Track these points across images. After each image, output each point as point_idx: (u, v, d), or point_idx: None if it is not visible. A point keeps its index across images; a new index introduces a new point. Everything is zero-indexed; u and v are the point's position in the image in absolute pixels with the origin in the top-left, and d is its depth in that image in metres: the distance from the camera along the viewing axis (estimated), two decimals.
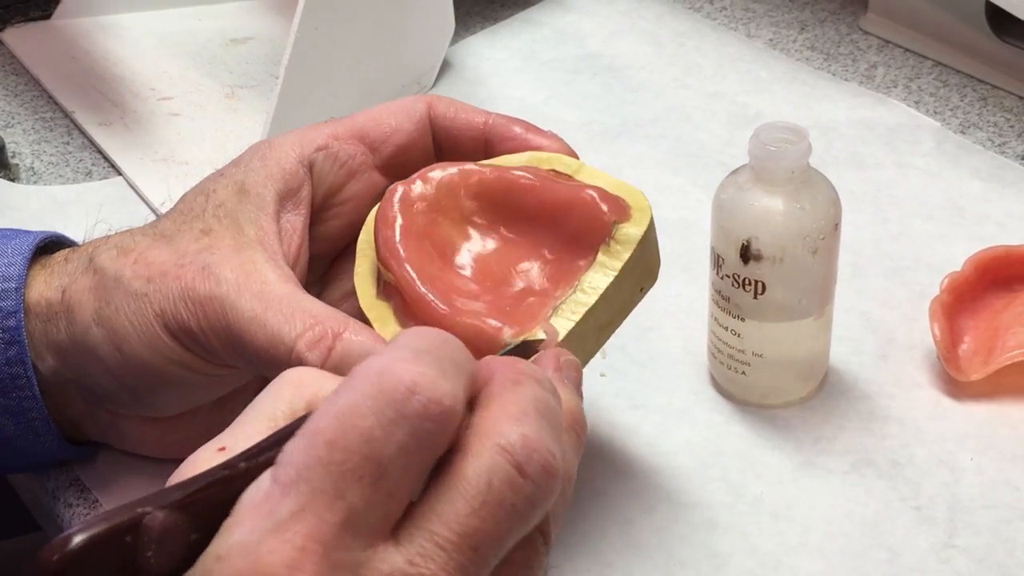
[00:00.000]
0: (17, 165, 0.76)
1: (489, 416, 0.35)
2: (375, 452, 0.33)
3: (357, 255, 0.50)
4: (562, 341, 0.46)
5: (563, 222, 0.48)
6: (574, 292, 0.47)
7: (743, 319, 0.54)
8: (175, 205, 0.51)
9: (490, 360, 0.38)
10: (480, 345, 0.44)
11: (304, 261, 0.50)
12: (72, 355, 0.49)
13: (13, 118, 0.81)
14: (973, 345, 0.58)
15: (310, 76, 0.70)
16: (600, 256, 0.48)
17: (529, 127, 0.52)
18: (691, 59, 0.81)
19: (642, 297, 0.50)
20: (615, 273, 0.47)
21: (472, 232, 0.49)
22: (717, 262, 0.54)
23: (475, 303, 0.47)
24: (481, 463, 0.34)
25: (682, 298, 0.63)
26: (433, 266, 0.47)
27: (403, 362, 0.34)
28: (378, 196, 0.51)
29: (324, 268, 0.53)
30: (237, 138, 0.76)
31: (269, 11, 0.89)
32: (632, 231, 0.48)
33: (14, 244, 0.52)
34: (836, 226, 0.53)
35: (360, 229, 0.51)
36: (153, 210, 0.71)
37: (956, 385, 0.57)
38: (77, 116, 0.79)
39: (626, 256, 0.48)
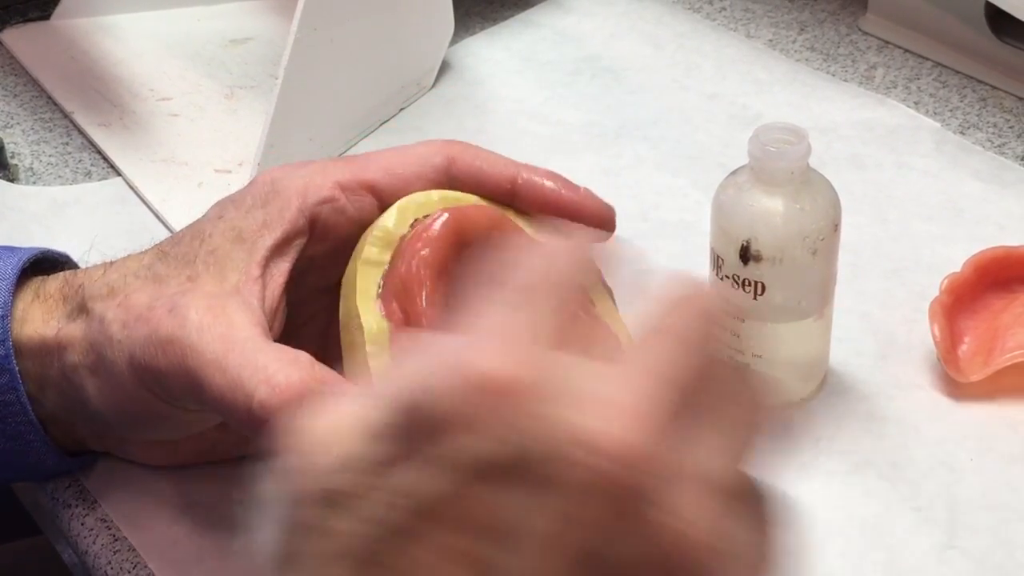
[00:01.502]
0: (16, 166, 0.76)
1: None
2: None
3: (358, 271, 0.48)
4: None
5: None
6: None
7: (743, 320, 0.54)
8: (175, 240, 0.49)
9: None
10: None
11: (282, 307, 0.48)
12: (67, 392, 0.49)
13: (12, 118, 0.80)
14: (973, 346, 0.58)
15: (309, 77, 0.70)
16: None
17: (564, 183, 0.49)
18: (690, 60, 0.81)
19: None
20: None
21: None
22: (717, 263, 0.54)
23: None
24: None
25: None
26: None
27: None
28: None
29: (330, 317, 0.51)
30: (236, 139, 0.76)
31: (268, 12, 0.89)
32: None
33: None
34: (836, 227, 0.53)
35: None
36: (153, 211, 0.71)
37: (956, 386, 0.57)
38: (76, 117, 0.79)
39: None
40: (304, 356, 0.44)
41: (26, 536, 0.79)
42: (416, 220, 0.47)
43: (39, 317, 0.50)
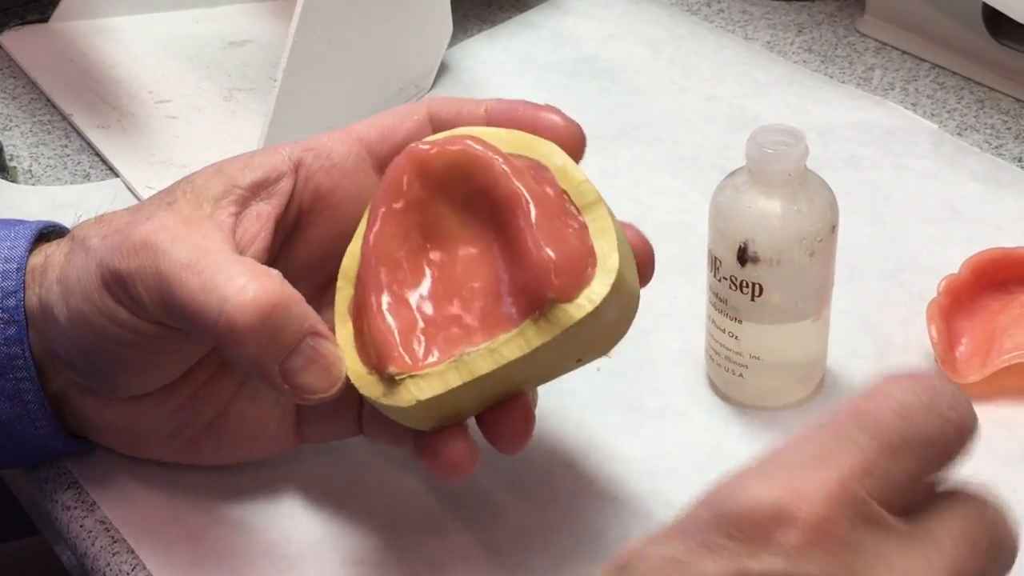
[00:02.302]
0: (15, 168, 0.76)
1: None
2: (904, 428, 0.34)
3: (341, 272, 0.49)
4: (421, 403, 0.45)
5: (515, 261, 0.45)
6: (483, 349, 0.45)
7: (740, 321, 0.54)
8: None
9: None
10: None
11: (260, 250, 0.48)
12: (39, 318, 0.50)
13: (11, 121, 0.81)
14: (970, 347, 0.58)
15: (308, 79, 0.70)
16: (526, 323, 0.44)
17: (528, 105, 0.50)
18: (688, 62, 0.81)
19: (582, 365, 0.48)
20: (528, 350, 0.44)
21: (448, 228, 0.47)
22: (714, 264, 0.54)
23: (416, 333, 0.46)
24: (998, 517, 0.35)
25: (679, 300, 0.63)
26: (400, 283, 0.47)
27: (944, 384, 0.36)
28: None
29: (321, 282, 0.51)
30: (235, 140, 0.76)
31: (267, 14, 0.89)
32: (571, 312, 0.44)
33: (17, 229, 0.52)
34: (833, 228, 0.53)
35: (348, 236, 0.49)
36: None
37: None
38: (75, 119, 0.79)
39: (548, 338, 0.44)
40: (275, 272, 0.45)
41: (24, 536, 0.79)
42: None
43: (36, 255, 0.52)
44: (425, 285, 0.47)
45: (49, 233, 0.54)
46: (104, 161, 0.76)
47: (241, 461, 0.54)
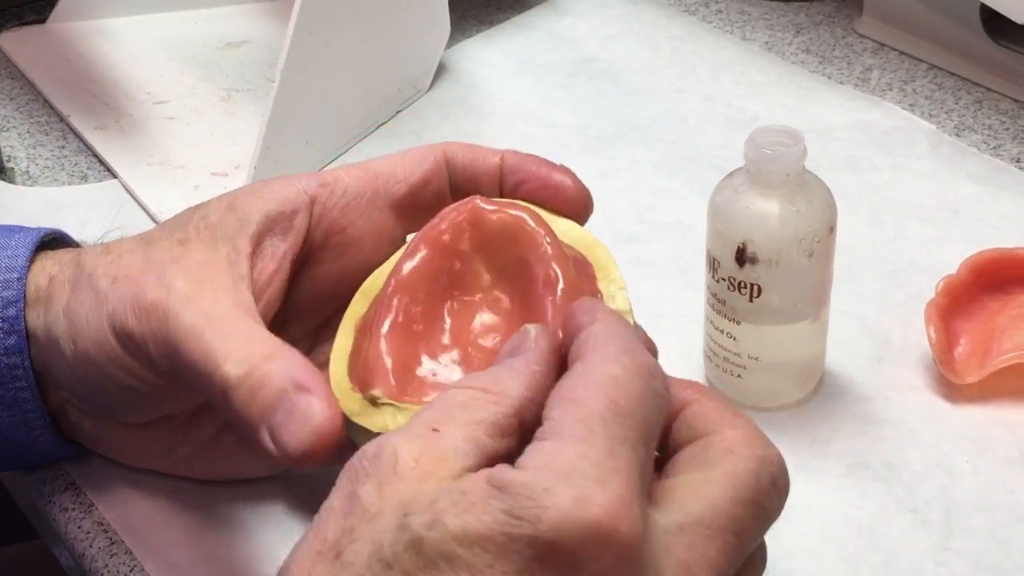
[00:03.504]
0: (13, 169, 0.76)
1: (745, 432, 0.39)
2: (645, 414, 0.36)
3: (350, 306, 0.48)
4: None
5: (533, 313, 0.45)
6: None
7: (739, 322, 0.54)
8: (173, 216, 0.51)
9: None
10: None
11: (277, 289, 0.48)
12: (43, 343, 0.50)
13: (8, 122, 0.81)
14: (969, 348, 0.58)
15: (306, 80, 0.70)
16: None
17: (542, 163, 0.49)
18: (686, 62, 0.81)
19: None
20: None
21: (478, 286, 0.47)
22: (713, 265, 0.54)
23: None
24: (748, 464, 0.37)
25: (678, 301, 0.63)
26: (414, 318, 0.46)
27: (631, 347, 0.38)
28: (387, 241, 0.49)
29: (324, 317, 0.51)
30: (233, 142, 0.76)
31: (265, 15, 0.89)
32: None
33: (18, 237, 0.52)
34: (831, 229, 0.53)
35: (366, 274, 0.49)
36: (149, 214, 0.71)
37: (952, 388, 0.57)
38: (73, 120, 0.79)
39: None
40: (278, 340, 0.44)
41: (23, 539, 0.79)
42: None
43: (38, 270, 0.51)
44: (437, 329, 0.46)
45: (50, 241, 0.53)
46: (102, 162, 0.76)
47: (235, 477, 0.54)
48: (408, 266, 0.46)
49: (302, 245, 0.49)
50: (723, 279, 0.53)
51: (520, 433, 0.38)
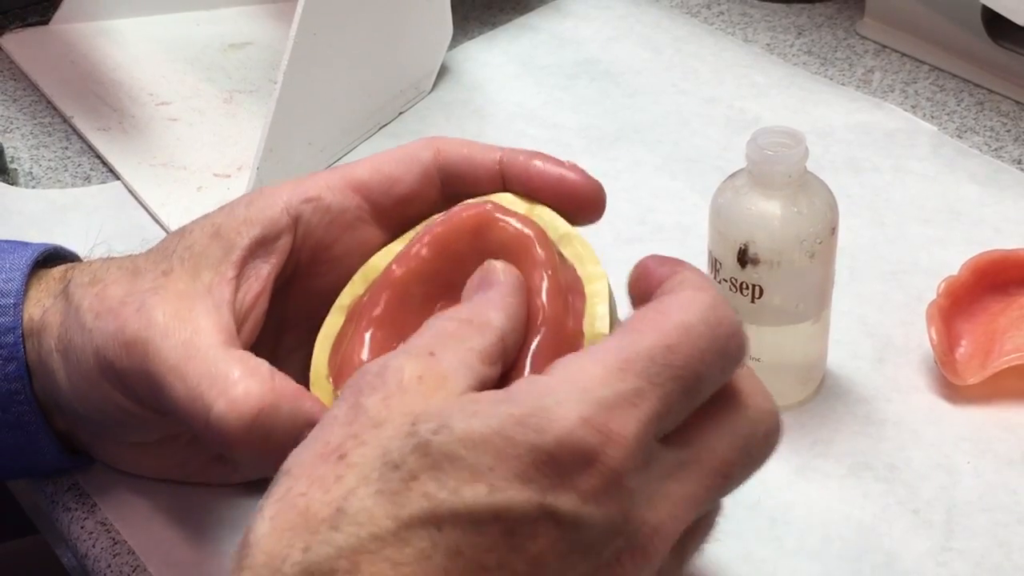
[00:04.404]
0: (16, 170, 0.76)
1: (755, 387, 0.40)
2: (701, 371, 0.37)
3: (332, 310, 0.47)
4: None
5: None
6: None
7: (740, 323, 0.54)
8: (164, 238, 0.50)
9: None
10: None
11: (262, 309, 0.47)
12: (41, 374, 0.50)
13: (12, 123, 0.81)
14: (970, 349, 0.58)
15: (308, 81, 0.70)
16: None
17: (547, 159, 0.47)
18: (688, 64, 0.81)
19: None
20: None
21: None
22: (715, 266, 0.54)
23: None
24: (756, 416, 0.39)
25: None
26: (400, 321, 0.45)
27: (724, 304, 0.39)
28: (375, 250, 0.48)
29: (315, 326, 0.50)
30: (235, 143, 0.76)
31: (268, 16, 0.89)
32: None
33: (12, 259, 0.51)
34: (833, 230, 0.53)
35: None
36: (152, 215, 0.71)
37: (953, 389, 0.57)
38: (76, 121, 0.79)
39: None
40: (264, 367, 0.43)
41: (23, 536, 0.79)
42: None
43: (34, 299, 0.50)
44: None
45: (46, 259, 0.53)
46: (105, 163, 0.76)
47: (254, 479, 0.53)
48: (404, 263, 0.46)
49: (285, 263, 0.48)
50: (725, 280, 0.54)
51: (504, 360, 0.40)
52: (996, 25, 0.76)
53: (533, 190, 0.47)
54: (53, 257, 0.53)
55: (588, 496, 0.35)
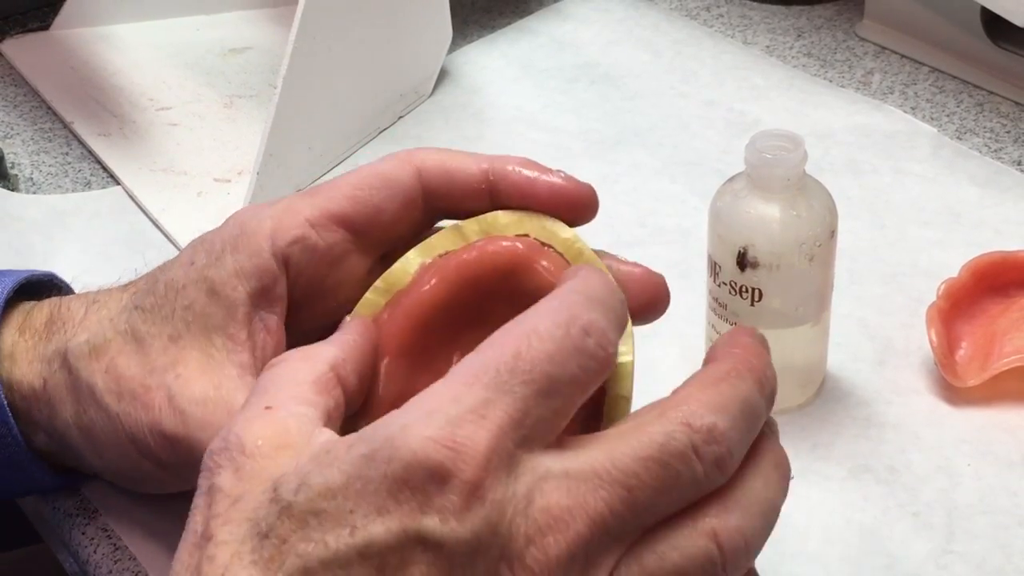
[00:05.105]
0: (16, 176, 0.76)
1: (692, 394, 0.38)
2: (552, 371, 0.36)
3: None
4: None
5: None
6: None
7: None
8: (149, 287, 0.49)
9: (730, 339, 0.41)
10: None
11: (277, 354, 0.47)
12: (58, 443, 0.50)
13: (12, 129, 0.81)
14: (970, 351, 0.58)
15: (308, 85, 0.70)
16: None
17: (538, 167, 0.46)
18: (688, 67, 0.81)
19: None
20: None
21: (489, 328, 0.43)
22: (714, 269, 0.54)
23: None
24: (663, 425, 0.37)
25: (679, 305, 0.62)
26: (419, 353, 0.44)
27: (581, 305, 0.38)
28: (367, 274, 0.47)
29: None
30: (235, 147, 0.76)
31: (267, 21, 0.89)
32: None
33: None
34: (833, 233, 0.53)
35: (346, 310, 0.46)
36: (152, 220, 0.71)
37: (953, 391, 0.57)
38: (76, 126, 0.79)
39: None
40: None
41: (28, 545, 0.79)
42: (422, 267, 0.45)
43: (25, 358, 0.50)
44: (442, 363, 0.44)
45: (29, 285, 0.53)
46: (105, 169, 0.76)
47: None
48: (435, 290, 0.44)
49: (288, 307, 0.48)
50: (724, 283, 0.54)
51: (343, 384, 0.40)
52: (995, 26, 0.76)
53: (525, 203, 0.45)
54: (28, 283, 0.53)
55: (449, 513, 0.34)
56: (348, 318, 0.45)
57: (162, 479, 0.49)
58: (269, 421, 0.38)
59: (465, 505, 0.34)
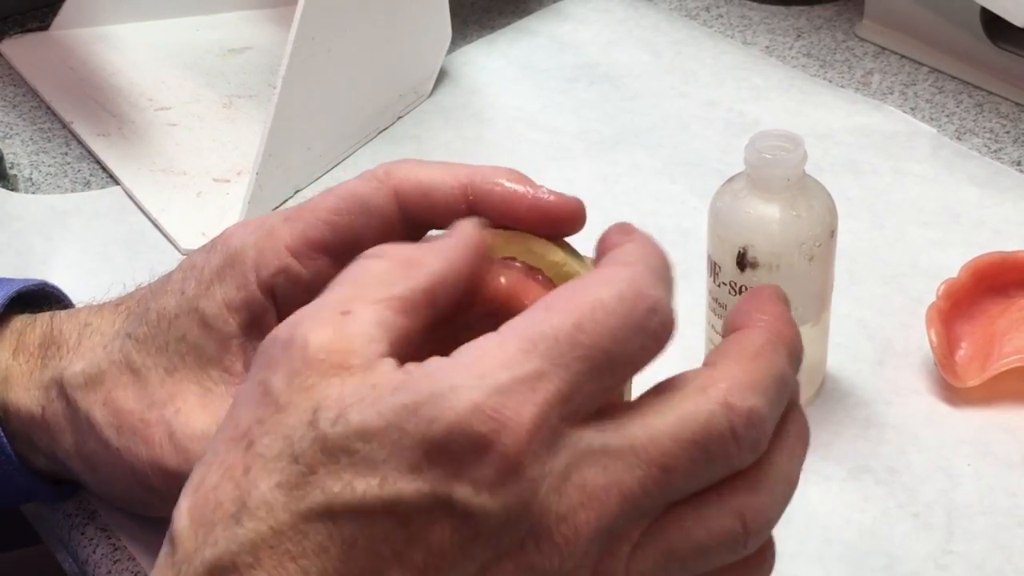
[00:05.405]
0: (15, 176, 0.76)
1: (731, 371, 0.37)
2: (612, 348, 0.35)
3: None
4: None
5: None
6: None
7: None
8: (140, 315, 0.48)
9: (756, 304, 0.40)
10: None
11: None
12: (60, 467, 0.50)
13: (11, 129, 0.81)
14: (970, 351, 0.58)
15: (307, 86, 0.70)
16: None
17: (521, 180, 0.44)
18: (688, 67, 0.81)
19: None
20: None
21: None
22: (714, 270, 0.54)
23: None
24: (704, 406, 0.36)
25: (679, 306, 0.62)
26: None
27: (648, 279, 0.37)
28: None
29: None
30: (235, 148, 0.76)
31: (266, 21, 0.89)
32: None
33: None
34: (832, 233, 0.53)
35: None
36: (151, 220, 0.71)
37: (953, 391, 0.57)
38: (75, 127, 0.79)
39: None
40: None
41: (27, 545, 0.79)
42: None
43: (21, 383, 0.50)
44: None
45: (26, 295, 0.52)
46: (104, 169, 0.76)
47: None
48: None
49: None
50: (724, 283, 0.54)
51: (431, 311, 0.38)
52: (995, 27, 0.76)
53: (506, 221, 0.44)
54: (29, 294, 0.53)
55: (483, 486, 0.34)
56: (463, 221, 0.41)
57: (165, 508, 0.48)
58: (339, 332, 0.36)
59: (500, 480, 0.34)
